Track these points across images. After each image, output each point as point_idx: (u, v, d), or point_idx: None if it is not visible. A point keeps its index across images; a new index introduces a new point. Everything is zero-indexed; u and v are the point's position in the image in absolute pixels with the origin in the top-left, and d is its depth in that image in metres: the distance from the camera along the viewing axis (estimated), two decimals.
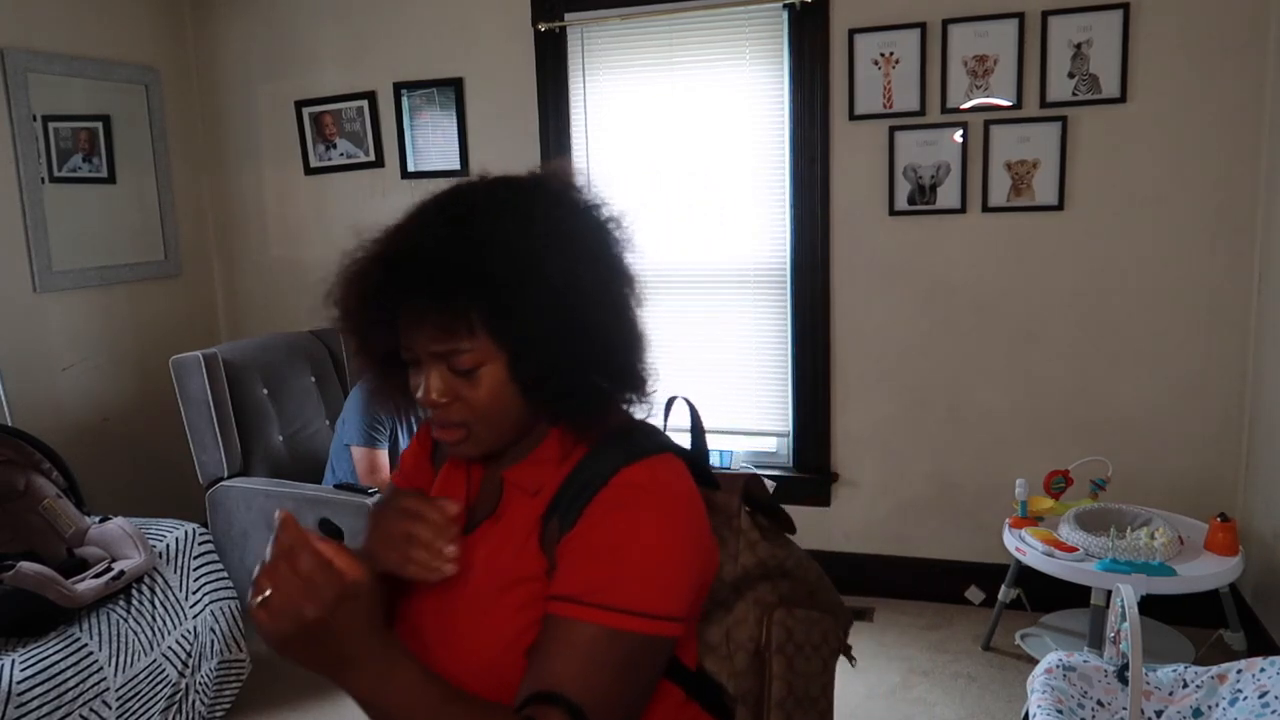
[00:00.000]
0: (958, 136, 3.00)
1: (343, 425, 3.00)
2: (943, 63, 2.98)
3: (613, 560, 0.91)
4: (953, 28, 2.96)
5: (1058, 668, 2.00)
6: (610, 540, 0.92)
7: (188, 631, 2.46)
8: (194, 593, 2.53)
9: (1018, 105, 2.94)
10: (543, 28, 3.34)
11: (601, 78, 3.37)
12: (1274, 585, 2.68)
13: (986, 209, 3.02)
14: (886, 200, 3.11)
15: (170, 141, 3.76)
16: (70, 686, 2.11)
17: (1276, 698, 1.79)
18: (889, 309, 3.18)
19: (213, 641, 2.54)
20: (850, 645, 1.18)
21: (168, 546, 2.52)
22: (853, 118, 3.10)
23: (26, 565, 2.16)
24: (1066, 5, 2.84)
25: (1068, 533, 2.64)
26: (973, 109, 2.98)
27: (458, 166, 3.56)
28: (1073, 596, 2.72)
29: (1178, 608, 2.73)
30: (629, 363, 1.00)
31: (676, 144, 3.33)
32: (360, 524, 2.27)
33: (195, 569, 2.57)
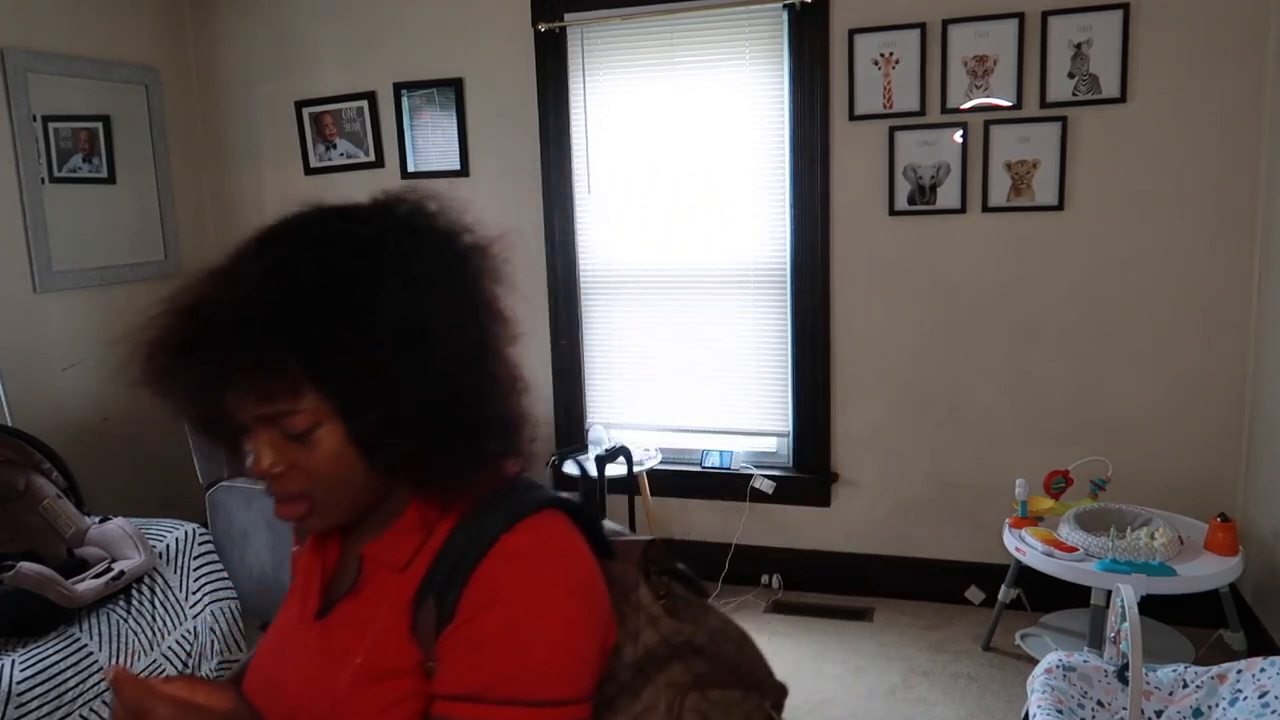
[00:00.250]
0: (958, 137, 3.00)
1: None
2: (943, 63, 2.98)
3: (509, 650, 0.81)
4: (953, 28, 2.96)
5: (1058, 668, 2.00)
6: (500, 626, 0.82)
7: (188, 632, 2.46)
8: (194, 593, 2.53)
9: (1018, 105, 2.94)
10: (543, 28, 3.34)
11: (601, 78, 3.37)
12: (1274, 585, 2.68)
13: (986, 209, 3.02)
14: (886, 200, 3.11)
15: (170, 141, 3.76)
16: (70, 686, 2.11)
17: (1276, 698, 1.79)
18: (889, 309, 3.18)
19: (213, 641, 2.54)
20: None
21: (168, 547, 2.52)
22: (853, 118, 3.10)
23: (26, 565, 2.16)
24: (1066, 5, 2.84)
25: (1068, 533, 2.64)
26: (973, 109, 2.98)
27: (458, 167, 3.56)
28: (1073, 596, 2.72)
29: (1178, 608, 2.73)
30: (495, 412, 0.88)
31: (677, 144, 3.33)
32: None
33: (195, 569, 2.57)
